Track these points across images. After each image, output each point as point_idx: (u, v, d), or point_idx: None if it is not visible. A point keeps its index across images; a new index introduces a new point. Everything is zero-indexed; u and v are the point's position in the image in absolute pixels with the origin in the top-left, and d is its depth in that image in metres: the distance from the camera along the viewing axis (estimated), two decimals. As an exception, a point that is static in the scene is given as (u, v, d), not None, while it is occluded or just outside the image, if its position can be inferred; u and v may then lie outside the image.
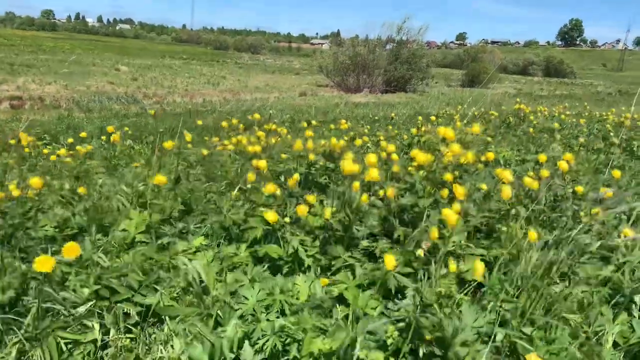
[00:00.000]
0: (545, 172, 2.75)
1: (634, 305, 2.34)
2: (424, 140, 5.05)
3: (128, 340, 1.93)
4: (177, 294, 2.11)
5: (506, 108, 11.23)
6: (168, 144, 3.59)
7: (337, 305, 2.05)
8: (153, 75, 33.80)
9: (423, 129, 5.10)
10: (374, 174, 2.23)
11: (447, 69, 64.48)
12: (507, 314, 2.08)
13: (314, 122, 6.42)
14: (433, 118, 7.01)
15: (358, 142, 3.77)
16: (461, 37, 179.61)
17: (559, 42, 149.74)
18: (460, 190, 2.19)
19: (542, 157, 3.21)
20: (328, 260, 2.47)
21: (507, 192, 2.48)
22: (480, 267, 1.93)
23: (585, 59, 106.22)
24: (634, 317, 2.27)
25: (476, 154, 3.07)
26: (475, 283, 2.43)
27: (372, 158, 2.38)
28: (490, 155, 2.87)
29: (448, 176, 2.39)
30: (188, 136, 4.93)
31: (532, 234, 2.27)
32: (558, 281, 2.32)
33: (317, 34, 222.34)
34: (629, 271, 2.58)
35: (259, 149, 3.47)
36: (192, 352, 1.70)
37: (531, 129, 6.32)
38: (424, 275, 2.27)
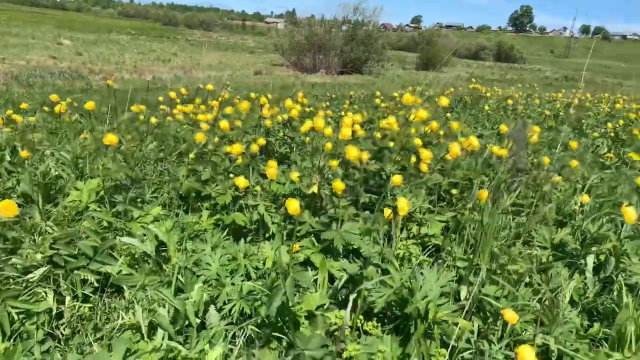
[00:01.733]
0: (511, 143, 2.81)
1: (585, 267, 2.47)
2: (384, 114, 5.08)
3: (87, 309, 1.81)
4: (134, 260, 2.01)
5: (461, 90, 11.47)
6: (90, 105, 3.36)
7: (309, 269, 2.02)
8: (99, 51, 32.10)
9: (386, 105, 5.11)
10: (346, 132, 2.19)
11: (402, 52, 64.93)
12: (462, 272, 2.12)
13: (270, 95, 6.27)
14: (395, 94, 7.04)
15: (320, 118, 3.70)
16: (416, 20, 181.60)
17: (510, 28, 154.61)
18: (426, 154, 2.19)
19: (503, 127, 3.28)
20: (292, 227, 2.42)
21: (455, 150, 2.46)
22: (404, 204, 1.87)
23: (534, 45, 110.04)
24: (586, 276, 2.39)
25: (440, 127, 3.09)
26: (435, 247, 2.47)
27: (347, 120, 2.33)
28: (455, 125, 2.88)
29: (417, 141, 2.37)
30: (140, 108, 4.69)
31: (484, 193, 2.29)
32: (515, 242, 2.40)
33: (272, 12, 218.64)
34: (579, 234, 2.72)
35: (210, 117, 3.33)
36: (157, 318, 1.61)
37: (487, 107, 6.48)
38: (384, 238, 2.28)
